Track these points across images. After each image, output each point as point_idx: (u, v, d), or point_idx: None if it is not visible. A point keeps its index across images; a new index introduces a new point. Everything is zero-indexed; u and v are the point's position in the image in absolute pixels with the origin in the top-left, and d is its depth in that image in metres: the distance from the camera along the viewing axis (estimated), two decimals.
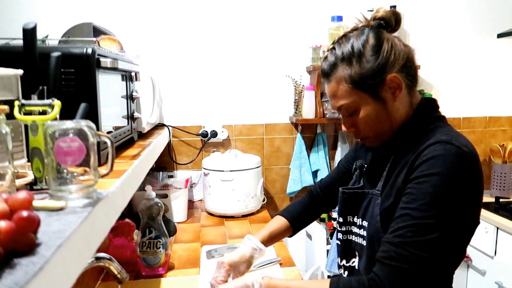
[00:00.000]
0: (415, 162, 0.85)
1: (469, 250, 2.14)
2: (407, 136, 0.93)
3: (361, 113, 0.92)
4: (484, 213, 2.06)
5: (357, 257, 1.03)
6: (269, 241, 1.17)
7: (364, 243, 0.98)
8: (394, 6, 2.22)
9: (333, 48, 0.94)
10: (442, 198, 0.80)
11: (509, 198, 2.29)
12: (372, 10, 2.15)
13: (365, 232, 0.98)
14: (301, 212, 1.25)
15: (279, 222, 1.22)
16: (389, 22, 0.94)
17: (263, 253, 1.14)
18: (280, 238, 1.22)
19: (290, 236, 1.25)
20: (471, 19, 2.36)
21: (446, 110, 2.32)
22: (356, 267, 1.02)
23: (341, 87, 0.92)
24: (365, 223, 0.98)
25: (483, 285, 2.05)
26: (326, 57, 0.95)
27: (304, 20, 2.23)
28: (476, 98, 2.42)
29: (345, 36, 0.94)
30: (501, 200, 2.23)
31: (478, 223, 0.88)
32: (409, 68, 0.93)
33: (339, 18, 2.14)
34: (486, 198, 2.29)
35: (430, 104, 0.97)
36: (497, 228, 1.97)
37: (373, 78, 0.89)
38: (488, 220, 2.01)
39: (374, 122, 0.92)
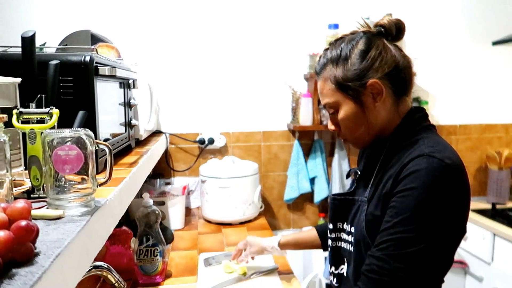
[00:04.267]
0: (399, 175, 0.86)
1: (466, 257, 2.14)
2: (393, 144, 0.94)
3: (341, 114, 0.96)
4: (480, 219, 2.07)
5: (346, 264, 1.03)
6: (291, 244, 1.33)
7: (352, 249, 0.99)
8: (390, 14, 2.24)
9: (327, 49, 0.99)
10: (423, 211, 0.81)
11: (505, 205, 2.30)
12: (368, 18, 2.17)
13: (352, 238, 0.99)
14: None
15: (309, 232, 1.31)
16: (389, 31, 0.95)
17: (277, 252, 1.34)
18: (308, 247, 1.34)
19: (325, 250, 1.29)
20: (466, 27, 2.38)
21: (443, 117, 2.34)
22: (345, 274, 1.03)
23: (326, 86, 0.96)
24: (353, 229, 0.99)
25: None
26: (320, 58, 1.00)
27: (302, 27, 2.24)
28: (472, 105, 2.43)
29: (340, 39, 0.98)
30: (497, 206, 2.23)
31: (464, 232, 0.88)
32: (395, 76, 0.93)
33: (336, 26, 2.16)
34: (483, 205, 2.30)
35: (419, 113, 0.98)
36: (494, 234, 1.98)
37: (354, 81, 0.92)
38: (485, 226, 2.02)
39: (351, 123, 0.96)
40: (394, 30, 0.95)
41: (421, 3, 2.33)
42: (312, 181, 2.28)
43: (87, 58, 0.85)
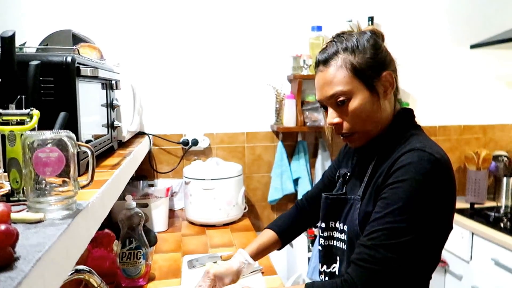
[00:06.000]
0: (391, 168, 0.88)
1: (446, 255, 2.19)
2: (386, 143, 0.96)
3: (354, 103, 0.93)
4: (459, 218, 2.12)
5: (338, 262, 1.04)
6: (258, 254, 1.19)
7: (345, 247, 1.00)
8: (372, 17, 2.27)
9: (333, 41, 0.98)
10: (414, 203, 0.83)
11: (483, 204, 2.36)
12: (351, 21, 2.20)
13: (345, 236, 1.00)
14: (289, 224, 1.26)
15: (268, 235, 1.23)
16: (378, 36, 0.99)
17: (252, 267, 1.15)
18: (269, 251, 1.23)
19: (279, 249, 1.26)
20: (445, 30, 2.44)
21: (423, 118, 2.39)
22: (337, 273, 1.04)
23: (340, 73, 0.93)
24: (346, 228, 1.01)
25: None
26: (325, 48, 0.98)
27: (285, 29, 2.26)
28: (451, 107, 2.49)
29: (345, 33, 0.98)
30: (475, 206, 2.29)
31: (451, 228, 0.91)
32: (397, 75, 0.99)
33: (319, 28, 2.18)
34: (462, 204, 2.35)
35: (408, 113, 1.01)
36: (472, 233, 2.03)
37: (372, 70, 0.93)
38: (463, 225, 2.07)
39: (364, 113, 0.93)
40: (380, 37, 0.99)
41: (401, 7, 2.37)
42: (295, 182, 2.29)
43: (69, 59, 0.84)
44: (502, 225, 2.01)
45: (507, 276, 1.81)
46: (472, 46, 2.38)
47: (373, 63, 0.93)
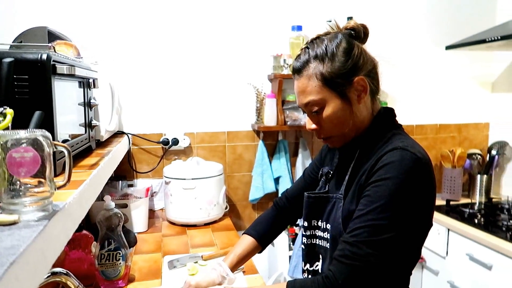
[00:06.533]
0: (374, 167, 0.90)
1: (423, 251, 2.24)
2: (367, 142, 0.98)
3: (327, 111, 0.95)
4: (436, 215, 2.17)
5: (321, 261, 1.05)
6: (238, 264, 1.20)
7: (328, 245, 1.01)
8: (351, 18, 2.30)
9: (307, 47, 0.98)
10: (396, 200, 0.85)
11: (458, 201, 2.42)
12: (331, 21, 2.22)
13: (328, 234, 1.01)
14: (268, 227, 1.26)
15: (247, 242, 1.23)
16: (358, 34, 0.99)
17: (233, 281, 1.15)
18: (250, 257, 1.24)
19: (260, 252, 1.26)
20: (422, 31, 2.49)
21: (400, 117, 2.41)
22: (320, 271, 1.05)
23: (311, 83, 0.95)
24: (328, 226, 1.02)
25: (436, 284, 2.15)
26: (299, 55, 0.99)
27: (265, 29, 2.26)
28: (427, 106, 2.55)
29: (318, 38, 0.98)
30: (451, 202, 2.35)
31: (431, 225, 0.93)
32: (374, 75, 0.99)
33: (299, 28, 2.19)
34: (438, 201, 2.41)
35: (389, 112, 1.03)
36: (448, 229, 2.08)
37: (342, 78, 0.93)
38: (439, 222, 2.12)
39: (338, 120, 0.96)
40: (362, 33, 0.99)
41: (379, 8, 2.41)
42: (276, 181, 2.30)
43: (44, 56, 0.82)
44: (476, 221, 2.07)
45: (481, 271, 1.87)
46: (447, 47, 2.44)
47: (343, 71, 0.93)
